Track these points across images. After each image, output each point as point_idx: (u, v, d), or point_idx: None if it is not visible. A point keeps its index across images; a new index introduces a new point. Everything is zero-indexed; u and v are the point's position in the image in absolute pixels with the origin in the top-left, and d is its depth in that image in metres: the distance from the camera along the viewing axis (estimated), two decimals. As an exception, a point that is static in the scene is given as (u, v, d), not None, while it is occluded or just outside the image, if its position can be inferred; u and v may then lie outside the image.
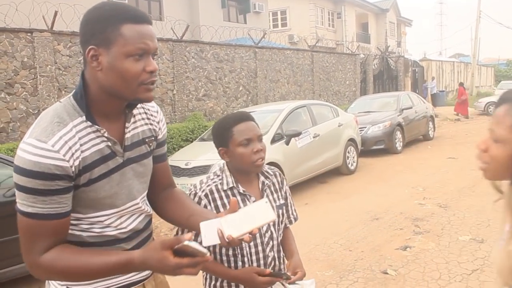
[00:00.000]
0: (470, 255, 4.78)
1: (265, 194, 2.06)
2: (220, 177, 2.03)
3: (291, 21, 29.68)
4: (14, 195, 1.42)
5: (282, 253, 2.12)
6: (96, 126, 1.44)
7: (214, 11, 20.07)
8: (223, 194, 1.98)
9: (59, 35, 9.23)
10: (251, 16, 22.59)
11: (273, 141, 7.85)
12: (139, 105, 1.62)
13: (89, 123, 1.43)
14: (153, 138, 1.67)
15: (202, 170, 7.10)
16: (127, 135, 1.55)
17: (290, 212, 2.24)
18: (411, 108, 13.53)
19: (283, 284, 1.94)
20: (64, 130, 1.39)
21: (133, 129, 1.58)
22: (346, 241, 5.58)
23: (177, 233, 2.00)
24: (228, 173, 2.03)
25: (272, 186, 2.12)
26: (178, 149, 9.38)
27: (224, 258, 1.99)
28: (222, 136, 2.01)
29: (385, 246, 5.30)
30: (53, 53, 9.03)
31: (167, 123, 11.11)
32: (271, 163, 7.24)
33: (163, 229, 6.65)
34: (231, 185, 1.99)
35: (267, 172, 2.13)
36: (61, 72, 9.17)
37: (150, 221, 1.73)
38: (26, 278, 4.62)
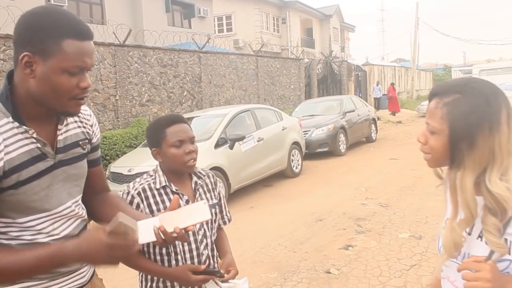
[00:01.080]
0: (409, 251, 4.93)
1: (198, 193, 2.09)
2: (153, 177, 2.06)
3: (236, 26, 29.75)
4: None
5: (216, 251, 2.14)
6: (24, 127, 1.40)
7: (158, 15, 19.82)
8: (155, 192, 2.01)
9: (-8, 39, 8.84)
10: (195, 21, 22.46)
11: (217, 145, 7.82)
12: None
13: (16, 124, 1.38)
14: (87, 140, 1.66)
15: (145, 176, 6.96)
16: (60, 137, 1.52)
17: (224, 213, 2.28)
18: (353, 111, 13.85)
19: (216, 283, 1.96)
20: None
21: (66, 131, 1.56)
22: (290, 242, 5.62)
23: None
24: (160, 173, 2.06)
25: (205, 186, 2.16)
26: (122, 156, 9.18)
27: (158, 257, 2.00)
28: (155, 137, 2.05)
29: (329, 246, 5.37)
30: (-14, 58, 8.65)
31: (109, 129, 10.90)
32: (215, 168, 7.21)
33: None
34: (163, 184, 2.03)
35: (200, 173, 2.17)
36: (-5, 77, 8.79)
37: (85, 227, 1.68)
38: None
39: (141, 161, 7.47)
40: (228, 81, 15.57)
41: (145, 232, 1.46)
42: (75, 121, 1.62)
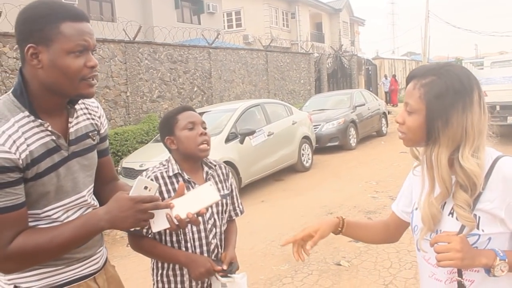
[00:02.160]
0: (419, 244, 4.94)
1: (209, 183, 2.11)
2: (166, 166, 2.11)
3: (245, 21, 29.78)
4: None
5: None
6: (39, 120, 1.46)
7: (167, 12, 19.90)
8: (167, 180, 2.06)
9: (4, 37, 8.92)
10: (205, 17, 22.53)
11: (227, 140, 7.86)
12: (80, 101, 1.65)
13: (31, 118, 1.45)
14: (96, 132, 1.72)
15: (157, 171, 7.06)
16: (71, 130, 1.58)
17: (236, 205, 2.31)
18: (364, 105, 13.81)
19: (217, 278, 2.00)
20: (6, 125, 1.40)
21: (76, 124, 1.62)
22: (301, 235, 5.65)
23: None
24: (173, 161, 2.11)
25: (217, 177, 2.20)
26: (133, 151, 9.26)
27: (169, 245, 2.06)
28: (168, 124, 2.12)
29: (339, 239, 5.35)
30: (-1, 56, 8.76)
31: (121, 126, 10.98)
32: (225, 162, 7.21)
33: (118, 232, 6.56)
34: (176, 172, 2.07)
35: (211, 163, 2.21)
36: (7, 75, 8.88)
37: None
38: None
39: (152, 156, 7.55)
40: (238, 76, 15.61)
41: (157, 220, 1.51)
42: (84, 114, 1.68)
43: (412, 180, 1.67)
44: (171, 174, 2.06)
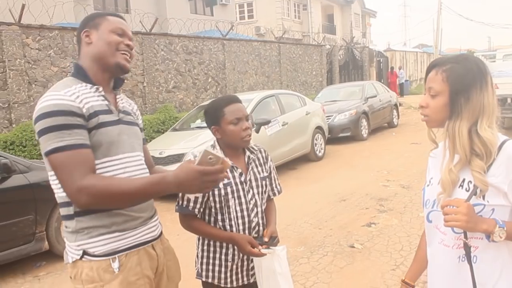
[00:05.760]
0: (430, 228, 5.15)
1: (250, 167, 2.34)
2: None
3: (257, 13, 29.89)
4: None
5: (265, 220, 2.39)
6: (95, 86, 1.84)
7: (180, 3, 20.11)
8: None
9: (27, 29, 9.21)
10: (217, 9, 22.71)
11: (244, 129, 8.07)
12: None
13: (88, 86, 1.83)
14: (135, 117, 2.08)
15: (176, 158, 7.32)
16: (120, 103, 1.94)
17: (274, 185, 2.51)
18: (375, 96, 13.96)
19: (258, 249, 2.20)
20: (70, 88, 1.77)
21: (122, 102, 1.98)
22: (315, 220, 5.90)
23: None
24: (218, 148, 2.32)
25: (257, 161, 2.40)
26: (150, 141, 9.52)
27: (215, 223, 2.28)
28: (215, 115, 2.30)
29: (352, 224, 5.63)
30: (22, 47, 9.03)
31: (138, 115, 11.25)
32: (242, 150, 7.49)
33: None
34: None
35: (253, 148, 2.41)
36: (30, 65, 9.19)
37: None
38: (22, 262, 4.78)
39: (171, 145, 7.83)
40: (251, 67, 15.82)
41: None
42: (126, 101, 2.05)
43: (428, 165, 1.85)
44: None
